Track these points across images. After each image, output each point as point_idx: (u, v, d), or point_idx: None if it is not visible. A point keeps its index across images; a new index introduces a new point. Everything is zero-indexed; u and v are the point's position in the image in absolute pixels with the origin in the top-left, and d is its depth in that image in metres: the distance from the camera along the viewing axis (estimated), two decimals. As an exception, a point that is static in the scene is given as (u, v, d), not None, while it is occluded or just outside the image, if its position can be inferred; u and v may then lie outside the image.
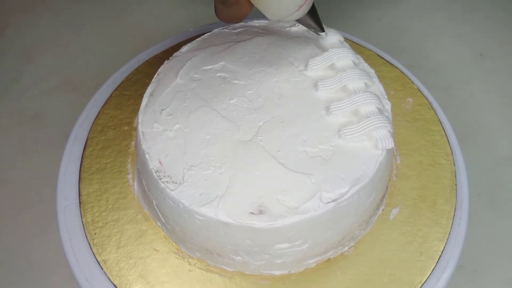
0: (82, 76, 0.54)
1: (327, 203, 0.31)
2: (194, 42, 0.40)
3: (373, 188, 0.34)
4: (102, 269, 0.35)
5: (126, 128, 0.42)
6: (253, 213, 0.31)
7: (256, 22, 0.42)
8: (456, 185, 0.39)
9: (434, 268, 0.36)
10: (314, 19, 0.35)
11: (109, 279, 0.35)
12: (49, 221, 0.41)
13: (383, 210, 0.38)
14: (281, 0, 0.31)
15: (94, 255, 0.36)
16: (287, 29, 0.41)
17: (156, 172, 0.33)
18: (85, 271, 0.35)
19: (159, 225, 0.37)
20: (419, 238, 0.37)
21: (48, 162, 0.45)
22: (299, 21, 0.35)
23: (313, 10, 0.35)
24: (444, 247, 0.36)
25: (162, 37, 0.49)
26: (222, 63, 0.38)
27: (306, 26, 0.37)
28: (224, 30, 0.41)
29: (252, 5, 0.32)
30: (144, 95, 0.37)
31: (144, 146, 0.34)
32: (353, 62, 0.37)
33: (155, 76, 0.38)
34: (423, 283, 0.35)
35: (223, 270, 0.35)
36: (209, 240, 0.33)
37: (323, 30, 0.37)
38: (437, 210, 0.38)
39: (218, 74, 0.38)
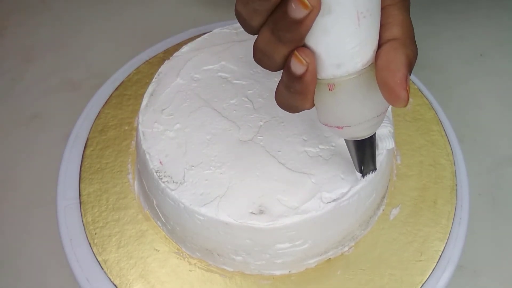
0: (82, 76, 0.54)
1: (327, 203, 0.31)
2: (194, 42, 0.40)
3: (373, 188, 0.34)
4: (103, 269, 0.35)
5: (126, 128, 0.42)
6: (254, 213, 0.31)
7: (257, 22, 0.42)
8: (456, 185, 0.39)
9: (434, 268, 0.36)
10: (363, 155, 0.29)
11: (110, 279, 0.35)
12: (49, 221, 0.41)
13: (383, 210, 0.38)
14: (355, 101, 0.25)
15: (94, 255, 0.36)
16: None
17: (156, 172, 0.33)
18: (86, 271, 0.35)
19: (160, 225, 0.37)
20: (419, 238, 0.37)
21: (49, 162, 0.45)
22: (348, 143, 0.29)
23: (369, 146, 0.29)
24: (445, 247, 0.36)
25: (162, 37, 0.49)
26: (222, 63, 0.38)
27: (350, 153, 0.30)
28: (225, 30, 0.41)
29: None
30: (145, 95, 0.37)
31: (145, 146, 0.34)
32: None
33: (156, 76, 0.38)
34: (424, 283, 0.35)
35: (223, 270, 0.35)
36: (210, 240, 0.33)
37: (361, 172, 0.31)
38: (438, 210, 0.38)
39: (219, 74, 0.38)
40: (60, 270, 0.40)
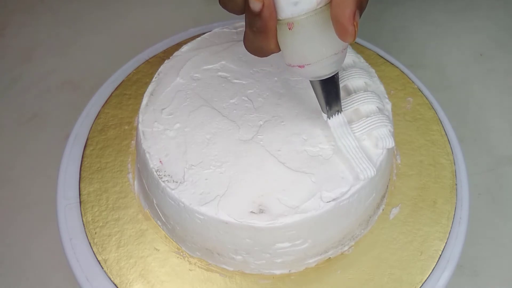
0: (82, 76, 0.54)
1: (327, 202, 0.31)
2: (194, 41, 0.40)
3: (373, 187, 0.34)
4: (103, 268, 0.35)
5: (126, 127, 0.42)
6: (254, 212, 0.31)
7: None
8: (456, 184, 0.39)
9: (434, 268, 0.36)
10: (328, 95, 0.31)
11: (110, 279, 0.35)
12: (49, 221, 0.41)
13: (383, 210, 0.38)
14: (313, 38, 0.27)
15: (94, 254, 0.36)
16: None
17: (156, 172, 0.33)
18: (86, 270, 0.35)
19: (160, 224, 0.37)
20: (419, 238, 0.37)
21: (49, 161, 0.46)
22: (313, 84, 0.31)
23: (333, 86, 0.31)
24: (444, 246, 0.36)
25: (162, 37, 0.49)
26: (222, 62, 0.38)
27: (316, 95, 0.32)
28: (225, 29, 0.41)
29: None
30: (145, 95, 0.37)
31: (145, 145, 0.34)
32: (354, 62, 0.37)
33: (156, 75, 0.38)
34: (423, 283, 0.35)
35: (223, 270, 0.35)
36: (210, 239, 0.33)
37: (326, 112, 0.33)
38: (438, 210, 0.38)
39: (219, 73, 0.38)
40: (60, 270, 0.40)
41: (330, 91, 0.31)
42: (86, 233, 0.37)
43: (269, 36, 0.28)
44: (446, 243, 0.37)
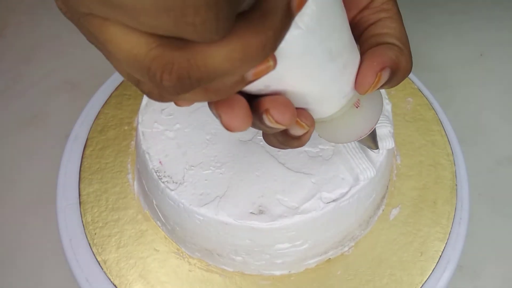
0: (82, 76, 0.54)
1: (327, 203, 0.31)
2: (194, 42, 0.40)
3: (373, 188, 0.34)
4: (102, 269, 0.35)
5: (126, 128, 0.42)
6: (253, 213, 0.31)
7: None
8: (456, 185, 0.39)
9: (434, 268, 0.36)
10: (372, 137, 0.29)
11: (109, 279, 0.35)
12: (49, 221, 0.41)
13: (383, 210, 0.38)
14: (339, 130, 0.25)
15: (94, 255, 0.36)
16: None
17: (156, 172, 0.33)
18: (85, 271, 0.35)
19: (159, 225, 0.37)
20: (419, 238, 0.37)
21: (48, 162, 0.45)
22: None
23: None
24: (445, 247, 0.36)
25: (162, 37, 0.49)
26: (222, 63, 0.38)
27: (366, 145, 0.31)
28: (224, 30, 0.41)
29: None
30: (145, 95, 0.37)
31: (144, 146, 0.34)
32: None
33: (155, 76, 0.38)
34: (424, 283, 0.35)
35: (223, 270, 0.35)
36: (209, 240, 0.33)
37: (377, 147, 0.30)
38: (438, 210, 0.38)
39: (218, 74, 0.38)
40: (60, 270, 0.40)
41: (374, 134, 0.30)
42: (85, 234, 0.37)
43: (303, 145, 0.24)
44: (446, 243, 0.37)
